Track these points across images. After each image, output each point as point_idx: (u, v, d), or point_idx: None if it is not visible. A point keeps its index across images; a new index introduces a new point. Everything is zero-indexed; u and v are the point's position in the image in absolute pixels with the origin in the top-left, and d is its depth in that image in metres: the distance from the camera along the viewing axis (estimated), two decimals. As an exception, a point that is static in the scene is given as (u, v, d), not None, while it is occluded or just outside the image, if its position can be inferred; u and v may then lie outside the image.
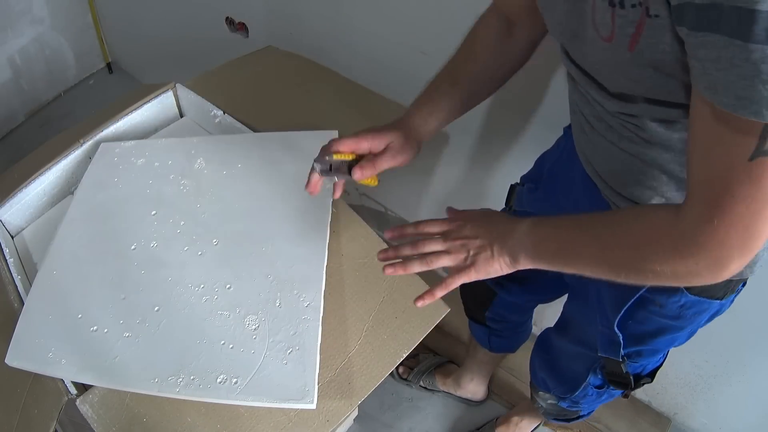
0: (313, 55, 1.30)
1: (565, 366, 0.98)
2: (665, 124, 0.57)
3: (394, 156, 0.74)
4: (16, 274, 0.91)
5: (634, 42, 0.48)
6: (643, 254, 0.53)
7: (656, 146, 0.59)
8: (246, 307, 0.83)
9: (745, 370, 1.18)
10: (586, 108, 0.67)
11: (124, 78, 2.41)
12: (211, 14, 1.73)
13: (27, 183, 1.02)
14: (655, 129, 0.58)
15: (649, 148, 0.60)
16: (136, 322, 0.81)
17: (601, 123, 0.65)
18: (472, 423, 1.46)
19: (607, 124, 0.64)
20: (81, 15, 2.20)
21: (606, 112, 0.62)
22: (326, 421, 0.75)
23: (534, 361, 1.08)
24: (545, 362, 1.03)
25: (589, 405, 1.01)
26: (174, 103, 1.21)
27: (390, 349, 0.81)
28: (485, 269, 0.65)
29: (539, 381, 1.06)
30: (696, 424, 1.39)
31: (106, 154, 1.08)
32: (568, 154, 0.83)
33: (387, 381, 1.49)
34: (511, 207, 0.99)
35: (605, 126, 0.64)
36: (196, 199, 0.98)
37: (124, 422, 0.74)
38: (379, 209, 1.71)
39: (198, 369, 0.76)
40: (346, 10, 1.32)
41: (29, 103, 2.22)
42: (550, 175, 0.90)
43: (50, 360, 0.77)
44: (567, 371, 0.97)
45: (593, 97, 0.62)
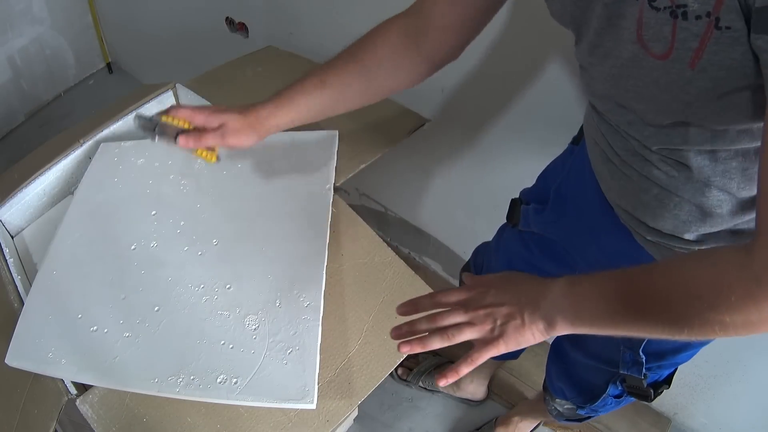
0: (313, 55, 1.30)
1: (583, 377, 0.95)
2: (710, 156, 0.54)
3: (224, 136, 0.73)
4: (16, 274, 0.91)
5: (696, 58, 0.44)
6: (710, 304, 0.46)
7: (697, 181, 0.56)
8: (246, 307, 0.83)
9: (745, 370, 1.18)
10: (616, 141, 0.63)
11: (124, 78, 2.40)
12: (211, 14, 1.73)
13: (27, 183, 1.02)
14: (698, 162, 0.54)
15: (688, 182, 0.57)
16: (136, 322, 0.81)
17: (635, 157, 0.61)
18: (472, 423, 1.46)
19: (642, 158, 0.59)
20: (81, 15, 2.20)
21: (643, 147, 0.59)
22: (326, 421, 0.75)
23: (550, 370, 1.05)
24: (562, 372, 1.00)
25: (609, 410, 1.00)
26: (174, 103, 1.21)
27: (390, 350, 0.81)
28: (516, 339, 0.57)
29: (556, 390, 1.03)
30: (696, 424, 1.39)
31: (106, 154, 1.08)
32: (576, 174, 0.81)
33: (387, 381, 1.49)
34: (515, 225, 0.97)
35: (640, 160, 0.60)
36: (196, 199, 0.98)
37: (124, 422, 0.74)
38: (379, 209, 1.71)
39: (198, 369, 0.76)
40: (345, 10, 1.32)
41: (29, 103, 2.22)
42: (558, 196, 0.87)
43: (50, 360, 0.77)
44: (585, 383, 0.95)
45: (627, 132, 0.59)
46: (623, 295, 0.52)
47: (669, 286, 0.49)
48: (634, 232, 0.69)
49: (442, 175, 1.46)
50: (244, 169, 1.02)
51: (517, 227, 0.96)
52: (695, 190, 0.57)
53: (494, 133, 1.25)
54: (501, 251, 1.02)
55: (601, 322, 0.54)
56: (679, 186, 0.58)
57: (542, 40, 1.02)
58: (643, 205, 0.64)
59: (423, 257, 1.74)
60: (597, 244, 0.79)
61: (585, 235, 0.80)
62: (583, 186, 0.78)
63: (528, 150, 1.20)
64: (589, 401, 0.95)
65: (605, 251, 0.77)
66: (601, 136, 0.67)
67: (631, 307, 0.51)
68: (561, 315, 0.55)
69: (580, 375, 0.97)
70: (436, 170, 1.46)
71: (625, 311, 0.52)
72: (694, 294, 0.47)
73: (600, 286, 0.54)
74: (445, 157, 1.41)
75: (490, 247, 1.08)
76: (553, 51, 1.01)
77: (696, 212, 0.60)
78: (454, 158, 1.39)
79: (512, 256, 0.99)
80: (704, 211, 0.59)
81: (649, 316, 0.50)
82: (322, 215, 0.93)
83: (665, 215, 0.62)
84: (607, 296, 0.53)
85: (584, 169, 0.77)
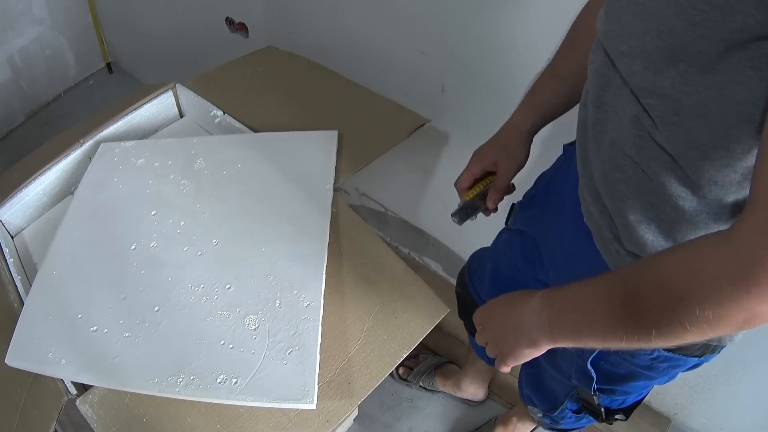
0: (313, 55, 1.30)
1: (547, 385, 0.97)
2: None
3: (507, 170, 0.81)
4: (16, 274, 0.91)
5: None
6: (692, 300, 0.41)
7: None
8: (246, 307, 0.83)
9: (745, 370, 1.18)
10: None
11: (124, 78, 2.41)
12: (210, 14, 1.73)
13: (27, 183, 1.02)
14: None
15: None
16: (136, 322, 0.81)
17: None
18: (472, 423, 1.46)
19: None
20: (81, 15, 2.20)
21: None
22: (326, 422, 0.75)
23: (521, 375, 1.07)
24: (530, 378, 1.02)
25: (570, 425, 1.00)
26: (174, 104, 1.21)
27: (390, 349, 0.81)
28: (514, 359, 0.62)
29: (525, 396, 1.06)
30: (696, 424, 1.39)
31: (106, 154, 1.08)
32: (564, 173, 0.81)
33: (387, 381, 1.50)
34: (508, 226, 0.97)
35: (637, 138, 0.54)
36: (196, 200, 0.98)
37: (123, 422, 0.74)
38: (379, 209, 1.70)
39: (198, 369, 0.76)
40: (345, 10, 1.32)
41: (29, 103, 2.22)
42: (543, 193, 0.88)
43: (50, 360, 0.77)
44: (548, 391, 0.96)
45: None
46: (597, 305, 0.50)
47: (646, 288, 0.45)
48: (594, 232, 0.67)
49: (442, 175, 1.46)
50: (244, 170, 1.02)
51: (508, 228, 0.97)
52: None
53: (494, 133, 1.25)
54: (493, 256, 1.03)
55: (578, 335, 0.52)
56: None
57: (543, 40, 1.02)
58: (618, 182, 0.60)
59: (423, 257, 1.74)
60: (561, 246, 0.79)
61: (555, 235, 0.81)
62: (565, 183, 0.79)
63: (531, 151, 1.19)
64: (550, 410, 0.96)
65: (566, 252, 0.77)
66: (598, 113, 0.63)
67: (606, 317, 0.48)
68: (540, 332, 0.57)
69: (545, 382, 0.98)
70: (436, 170, 1.46)
71: (600, 322, 0.49)
72: (674, 293, 0.42)
73: (572, 296, 0.53)
74: (445, 157, 1.41)
75: (486, 253, 1.08)
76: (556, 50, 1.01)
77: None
78: (454, 158, 1.39)
79: (500, 260, 1.00)
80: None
81: (626, 326, 0.47)
82: (322, 215, 0.93)
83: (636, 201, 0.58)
84: (580, 306, 0.52)
85: (570, 167, 0.77)
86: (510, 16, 1.02)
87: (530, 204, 0.90)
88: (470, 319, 1.14)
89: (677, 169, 0.51)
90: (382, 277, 0.88)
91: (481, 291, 1.05)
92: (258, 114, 1.15)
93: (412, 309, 0.84)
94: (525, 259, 0.91)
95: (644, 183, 0.55)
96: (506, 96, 1.16)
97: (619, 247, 0.63)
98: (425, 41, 1.21)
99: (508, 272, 0.98)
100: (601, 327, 0.50)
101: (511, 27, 1.03)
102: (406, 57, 1.26)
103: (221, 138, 1.12)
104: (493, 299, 0.68)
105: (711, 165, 0.47)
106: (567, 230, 0.76)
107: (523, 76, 1.10)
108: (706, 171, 0.48)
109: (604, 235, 0.65)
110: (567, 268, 0.79)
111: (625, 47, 0.50)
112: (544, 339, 0.56)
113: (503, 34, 1.06)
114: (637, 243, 0.58)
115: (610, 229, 0.63)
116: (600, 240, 0.67)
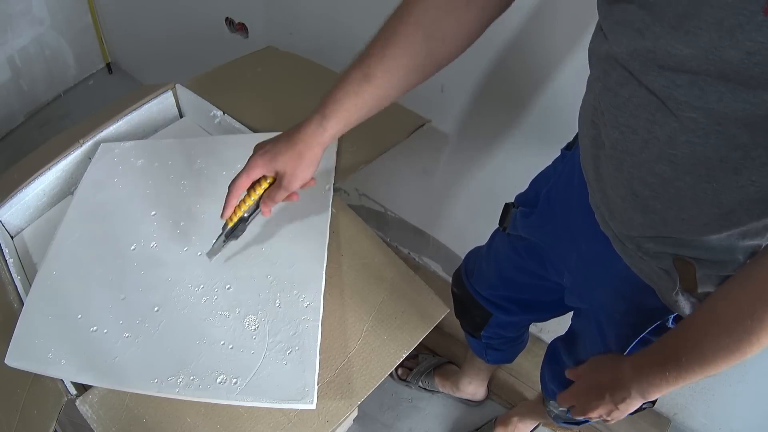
0: (312, 56, 1.30)
1: (572, 381, 0.97)
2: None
3: (294, 181, 0.72)
4: (16, 274, 0.91)
5: None
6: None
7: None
8: (246, 308, 0.83)
9: (745, 370, 1.18)
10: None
11: (124, 78, 2.41)
12: (210, 14, 1.73)
13: (27, 183, 1.02)
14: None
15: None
16: (136, 322, 0.81)
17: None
18: (472, 423, 1.46)
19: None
20: (81, 15, 2.20)
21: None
22: (326, 422, 0.75)
23: (544, 371, 1.06)
24: (554, 374, 1.01)
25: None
26: (174, 104, 1.21)
27: (390, 350, 0.81)
28: (619, 416, 0.70)
29: (549, 392, 1.04)
30: (696, 424, 1.39)
31: (106, 154, 1.08)
32: (566, 179, 0.80)
33: (387, 381, 1.50)
34: (505, 229, 0.96)
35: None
36: (196, 200, 0.98)
37: (123, 423, 0.74)
38: (379, 209, 1.70)
39: (198, 369, 0.76)
40: (345, 10, 1.32)
41: (29, 103, 2.22)
42: (546, 201, 0.86)
43: (50, 360, 0.77)
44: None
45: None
46: (678, 352, 0.57)
47: (718, 315, 0.53)
48: (613, 239, 0.68)
49: (442, 175, 1.46)
50: (243, 170, 1.02)
51: (506, 231, 0.96)
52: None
53: (494, 133, 1.25)
54: (492, 256, 1.03)
55: (673, 385, 0.60)
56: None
57: (544, 40, 1.02)
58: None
59: (422, 257, 1.74)
60: (577, 252, 0.78)
61: (567, 242, 0.80)
62: (569, 192, 0.78)
63: (528, 151, 1.20)
64: None
65: (584, 259, 0.77)
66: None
67: (707, 355, 0.56)
68: (634, 390, 0.64)
69: (570, 379, 0.97)
70: (436, 170, 1.46)
71: (689, 365, 0.57)
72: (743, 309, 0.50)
73: (653, 359, 0.60)
74: (445, 157, 1.41)
75: (481, 253, 1.08)
76: (555, 50, 1.01)
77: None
78: (454, 158, 1.39)
79: (501, 261, 1.00)
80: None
81: (709, 357, 0.56)
82: (322, 215, 0.93)
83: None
84: (665, 361, 0.59)
85: (573, 174, 0.77)
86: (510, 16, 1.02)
87: (532, 213, 0.88)
88: (467, 319, 1.14)
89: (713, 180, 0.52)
90: (382, 278, 0.88)
91: (482, 291, 1.05)
92: (258, 114, 1.15)
93: (411, 309, 0.84)
94: (537, 261, 0.91)
95: (678, 198, 0.56)
96: (506, 96, 1.16)
97: (642, 254, 0.64)
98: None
99: (512, 274, 0.98)
100: (692, 373, 0.59)
101: (511, 27, 1.03)
102: (406, 57, 1.26)
103: (221, 138, 1.12)
104: (589, 371, 0.75)
105: (752, 164, 0.49)
106: (582, 238, 0.76)
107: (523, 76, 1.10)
108: (747, 169, 0.50)
109: (625, 244, 0.66)
110: (586, 274, 0.79)
111: (664, 63, 0.48)
112: (639, 398, 0.65)
113: (503, 34, 1.06)
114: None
115: (631, 241, 0.64)
116: (619, 245, 0.67)
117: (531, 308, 1.02)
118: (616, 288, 0.73)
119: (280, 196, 0.74)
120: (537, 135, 1.16)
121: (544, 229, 0.86)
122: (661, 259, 0.62)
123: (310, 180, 0.75)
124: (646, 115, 0.53)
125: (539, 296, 0.99)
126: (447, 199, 1.50)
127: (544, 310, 1.02)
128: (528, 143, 1.20)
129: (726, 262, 0.58)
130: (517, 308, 1.03)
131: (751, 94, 0.45)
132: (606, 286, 0.75)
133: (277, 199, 0.75)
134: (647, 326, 0.70)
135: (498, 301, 1.04)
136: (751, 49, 0.42)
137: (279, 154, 0.71)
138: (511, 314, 1.04)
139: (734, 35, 0.42)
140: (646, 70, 0.51)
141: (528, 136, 1.19)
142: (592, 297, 0.80)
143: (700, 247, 0.58)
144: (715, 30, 0.43)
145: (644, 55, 0.50)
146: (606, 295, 0.75)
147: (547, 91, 1.08)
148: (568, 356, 0.95)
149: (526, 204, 0.92)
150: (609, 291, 0.74)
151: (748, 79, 0.44)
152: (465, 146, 1.34)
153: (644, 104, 0.53)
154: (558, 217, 0.83)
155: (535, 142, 1.16)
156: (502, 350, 1.19)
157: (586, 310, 0.84)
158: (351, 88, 0.67)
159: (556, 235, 0.83)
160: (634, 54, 0.51)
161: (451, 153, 1.38)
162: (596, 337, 0.81)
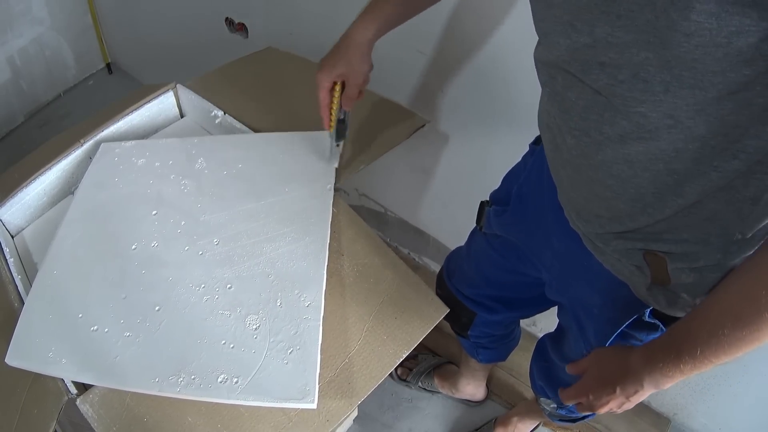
0: (313, 56, 1.30)
1: (560, 377, 0.97)
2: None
3: (355, 81, 0.85)
4: (16, 274, 0.91)
5: None
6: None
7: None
8: (247, 307, 0.83)
9: (745, 370, 1.18)
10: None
11: (124, 78, 2.41)
12: (210, 15, 1.73)
13: (27, 183, 1.02)
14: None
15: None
16: (137, 321, 0.81)
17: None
18: (472, 423, 1.46)
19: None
20: (81, 15, 2.20)
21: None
22: (326, 421, 0.75)
23: (532, 368, 1.07)
24: (542, 371, 1.02)
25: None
26: (174, 104, 1.22)
27: (390, 350, 0.81)
28: (629, 406, 0.67)
29: (538, 388, 1.06)
30: (696, 424, 1.39)
31: (107, 154, 1.08)
32: (536, 174, 0.80)
33: (387, 381, 1.50)
34: (481, 228, 0.97)
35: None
36: (197, 199, 0.98)
37: (124, 422, 0.74)
38: (379, 209, 1.71)
39: (199, 369, 0.76)
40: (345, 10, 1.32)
41: (29, 103, 2.22)
42: (518, 198, 0.86)
43: (50, 360, 0.77)
44: (562, 383, 0.96)
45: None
46: (695, 341, 0.54)
47: (746, 300, 0.49)
48: (582, 237, 0.68)
49: (442, 175, 1.46)
50: (244, 170, 1.02)
51: (482, 230, 0.96)
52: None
53: (494, 133, 1.25)
54: (471, 255, 1.03)
55: (687, 374, 0.57)
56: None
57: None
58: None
59: (423, 257, 1.74)
60: (551, 248, 0.78)
61: (540, 238, 0.80)
62: (540, 188, 0.78)
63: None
64: None
65: (558, 255, 0.77)
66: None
67: (706, 347, 0.53)
68: (647, 382, 0.62)
69: (557, 374, 0.98)
70: (436, 170, 1.46)
71: (704, 356, 0.54)
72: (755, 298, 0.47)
73: (666, 350, 0.58)
74: (445, 157, 1.41)
75: (462, 253, 1.08)
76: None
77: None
78: (454, 158, 1.39)
79: (480, 260, 1.00)
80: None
81: (725, 346, 0.52)
82: (323, 215, 0.93)
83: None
84: (679, 352, 0.56)
85: (543, 170, 0.76)
86: (510, 16, 1.02)
87: (505, 211, 0.89)
88: (453, 320, 1.14)
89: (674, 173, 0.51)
90: (382, 278, 0.88)
91: (464, 290, 1.05)
92: (258, 114, 1.15)
93: (411, 309, 0.85)
94: (510, 257, 0.92)
95: (639, 195, 0.55)
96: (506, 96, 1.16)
97: (612, 251, 0.63)
98: (423, 41, 1.21)
99: (492, 272, 0.98)
100: (704, 362, 0.54)
101: (510, 27, 1.04)
102: (406, 57, 1.26)
103: (222, 138, 1.13)
104: (595, 364, 0.71)
105: (712, 152, 0.49)
106: (554, 234, 0.76)
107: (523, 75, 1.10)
108: (707, 158, 0.49)
109: (594, 242, 0.66)
110: (561, 270, 0.79)
111: (605, 59, 0.49)
112: (651, 388, 0.62)
113: (503, 34, 1.06)
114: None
115: (600, 239, 0.64)
116: (590, 243, 0.67)
117: (514, 305, 1.03)
118: (590, 283, 0.72)
119: (352, 91, 0.87)
120: (537, 135, 1.16)
121: (517, 226, 0.87)
122: (631, 256, 0.62)
123: (368, 73, 0.87)
124: (594, 116, 0.53)
125: (521, 293, 0.99)
126: (447, 199, 1.50)
127: (527, 306, 1.03)
128: (528, 143, 1.20)
129: (698, 254, 0.57)
130: (500, 306, 1.03)
131: (698, 80, 0.44)
132: (581, 281, 0.74)
133: (351, 95, 0.87)
134: (624, 320, 0.69)
135: (481, 300, 1.04)
136: (687, 30, 0.41)
137: (335, 61, 0.84)
138: (495, 312, 1.04)
139: (669, 14, 0.41)
140: (587, 69, 0.51)
141: (528, 136, 1.19)
142: (568, 292, 0.80)
143: (670, 240, 0.57)
144: (650, 10, 0.42)
145: (584, 53, 0.50)
146: (581, 290, 0.75)
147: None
148: (554, 352, 0.96)
149: (499, 202, 0.92)
150: (584, 286, 0.74)
151: (691, 64, 0.43)
152: (465, 146, 1.34)
153: (591, 105, 0.53)
154: (530, 214, 0.83)
155: (535, 142, 1.16)
156: (492, 348, 1.19)
157: (566, 305, 0.84)
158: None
159: (529, 233, 0.84)
160: (575, 54, 0.51)
161: (451, 153, 1.38)
162: (576, 332, 0.81)
